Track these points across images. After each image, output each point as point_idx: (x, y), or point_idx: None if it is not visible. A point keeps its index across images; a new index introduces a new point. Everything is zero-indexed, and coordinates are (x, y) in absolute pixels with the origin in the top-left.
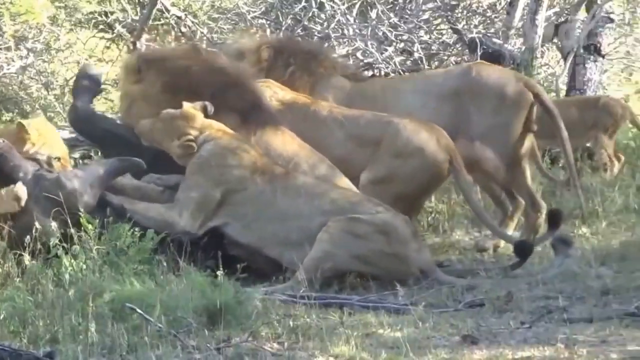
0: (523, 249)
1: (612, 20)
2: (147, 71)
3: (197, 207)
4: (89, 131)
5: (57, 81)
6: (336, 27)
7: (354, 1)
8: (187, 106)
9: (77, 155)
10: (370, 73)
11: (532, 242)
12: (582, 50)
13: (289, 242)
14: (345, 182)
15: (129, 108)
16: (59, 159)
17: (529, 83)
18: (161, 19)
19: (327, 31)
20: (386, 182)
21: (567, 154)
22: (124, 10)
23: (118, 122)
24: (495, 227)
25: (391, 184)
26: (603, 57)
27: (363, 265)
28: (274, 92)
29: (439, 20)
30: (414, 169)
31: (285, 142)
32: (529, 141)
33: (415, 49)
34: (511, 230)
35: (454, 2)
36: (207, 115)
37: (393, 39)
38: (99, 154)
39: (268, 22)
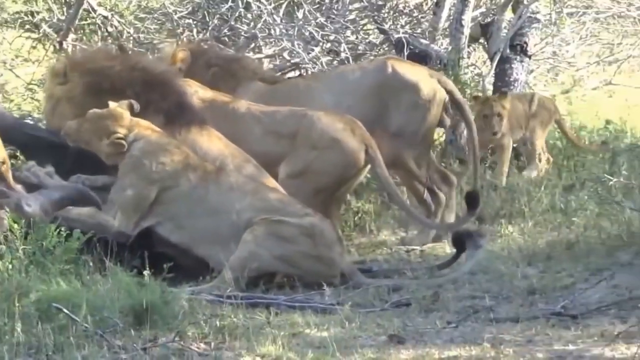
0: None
1: (538, 21)
2: (72, 73)
3: (132, 207)
4: (10, 136)
5: None
6: (263, 27)
7: (281, 1)
8: (113, 105)
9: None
10: (297, 73)
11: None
12: (508, 51)
13: (218, 240)
14: (272, 182)
15: (53, 109)
16: (3, 162)
17: (442, 79)
18: (87, 19)
19: (253, 31)
20: (304, 176)
21: (475, 150)
22: (50, 10)
23: (38, 124)
24: (414, 213)
25: (309, 177)
26: (529, 57)
27: (288, 266)
28: (194, 91)
29: (366, 20)
30: (330, 160)
31: (211, 141)
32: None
33: (342, 49)
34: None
35: (380, 3)
36: (133, 114)
37: (320, 39)
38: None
39: (195, 22)
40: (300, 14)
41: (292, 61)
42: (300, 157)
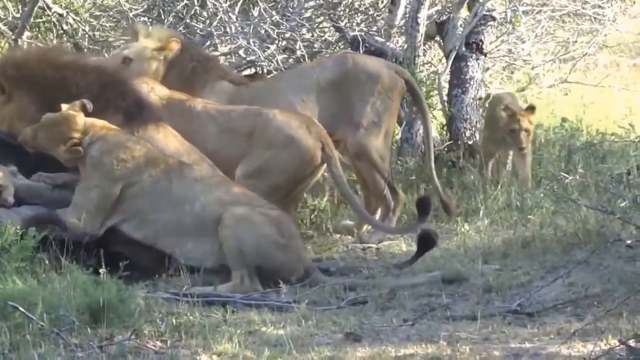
0: (427, 240)
1: (494, 19)
2: (15, 90)
3: (97, 208)
4: None
5: None
6: (218, 24)
7: None
8: (65, 108)
9: None
10: (252, 71)
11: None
12: (464, 49)
13: (183, 232)
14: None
15: (2, 120)
16: None
17: (399, 69)
18: (43, 17)
19: (209, 29)
20: (260, 175)
21: (430, 145)
22: (5, 7)
23: None
24: (366, 214)
25: (265, 176)
26: (485, 55)
27: (258, 255)
28: (151, 88)
29: (322, 18)
30: (286, 158)
31: (167, 139)
32: None
33: (297, 47)
34: (393, 225)
35: (336, 0)
36: (87, 114)
37: (275, 36)
38: None
39: (150, 19)
40: (255, 12)
41: (247, 59)
42: (256, 156)
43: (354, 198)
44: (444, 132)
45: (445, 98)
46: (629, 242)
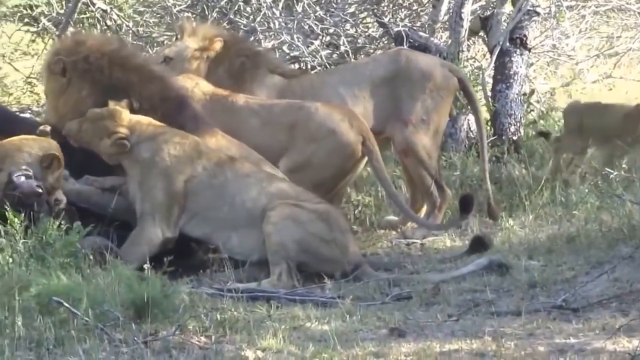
0: (480, 244)
1: (538, 14)
2: (76, 79)
3: (167, 208)
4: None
5: None
6: (262, 20)
7: None
8: (112, 104)
9: None
10: (296, 67)
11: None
12: (508, 44)
13: (232, 226)
14: None
15: (55, 109)
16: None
17: (453, 68)
18: (87, 13)
19: (253, 24)
20: (304, 169)
21: (483, 141)
22: (49, 3)
23: (38, 120)
24: (407, 210)
25: (308, 170)
26: (529, 50)
27: (303, 252)
28: (195, 84)
29: (365, 13)
30: (328, 152)
31: (222, 143)
32: None
33: (341, 43)
34: (438, 222)
35: None
36: (133, 112)
37: (319, 32)
38: None
39: (194, 15)
40: (299, 7)
41: (291, 54)
42: (299, 151)
43: (396, 193)
44: (488, 128)
45: (489, 93)
46: None
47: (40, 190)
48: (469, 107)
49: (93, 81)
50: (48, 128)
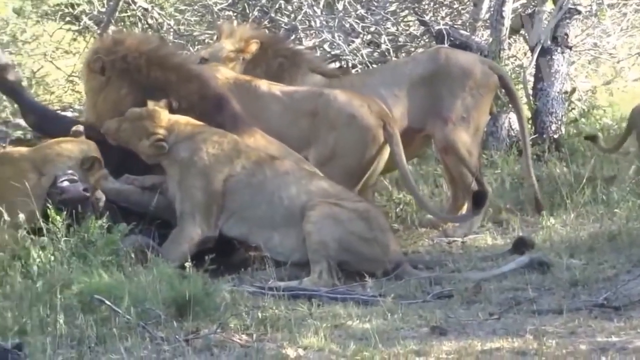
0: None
1: (579, 12)
2: (116, 78)
3: (207, 208)
4: (53, 133)
5: (24, 73)
6: (303, 19)
7: None
8: (151, 105)
9: None
10: (337, 65)
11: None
12: (549, 42)
13: (271, 226)
14: None
15: (94, 108)
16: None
17: (493, 65)
18: (128, 11)
19: (294, 23)
20: (330, 160)
21: (526, 140)
22: (90, 2)
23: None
24: (423, 199)
25: (335, 161)
26: (570, 48)
27: (344, 251)
28: (217, 70)
29: (406, 12)
30: (350, 138)
31: (261, 142)
32: None
33: (382, 41)
34: (479, 222)
35: None
36: (172, 112)
37: (360, 30)
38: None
39: (235, 13)
40: (340, 6)
41: (332, 53)
42: (323, 142)
43: (411, 177)
44: (529, 126)
45: (530, 92)
46: None
47: (87, 194)
48: (510, 105)
49: (132, 80)
50: (81, 128)
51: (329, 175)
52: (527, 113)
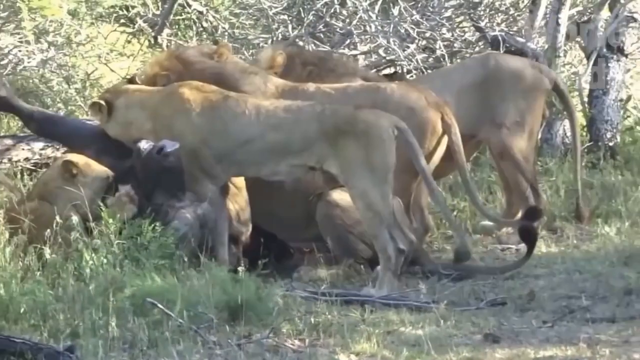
0: (528, 233)
1: (635, 20)
2: None
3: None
4: (56, 134)
5: (77, 75)
6: (358, 23)
7: None
8: None
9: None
10: (392, 70)
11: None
12: (605, 50)
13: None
14: None
15: None
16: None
17: (544, 69)
18: (182, 14)
19: (349, 28)
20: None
21: (577, 145)
22: (145, 4)
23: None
24: (475, 194)
25: (398, 156)
26: (626, 56)
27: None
28: (265, 79)
29: (462, 17)
30: (411, 130)
31: None
32: None
33: (437, 47)
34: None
35: (476, 0)
36: None
37: (415, 36)
38: None
39: (290, 18)
40: (395, 11)
41: (387, 58)
42: None
43: (467, 172)
44: (584, 134)
45: (585, 99)
46: None
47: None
48: (564, 111)
49: None
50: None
51: (394, 172)
52: (582, 121)
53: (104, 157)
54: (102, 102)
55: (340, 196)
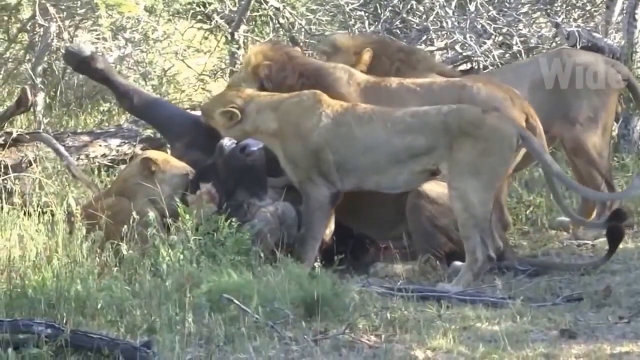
0: (616, 233)
1: None
2: (269, 85)
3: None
4: (149, 115)
5: (154, 71)
6: (435, 19)
7: None
8: None
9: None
10: (468, 66)
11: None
12: None
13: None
14: None
15: None
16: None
17: (617, 65)
18: (259, 10)
19: (425, 24)
20: None
21: None
22: (222, 1)
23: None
24: (559, 194)
25: None
26: None
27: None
28: (350, 75)
29: (538, 13)
30: None
31: None
32: None
33: (514, 42)
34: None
35: None
36: None
37: (492, 32)
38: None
39: (366, 14)
40: (472, 7)
41: (464, 54)
42: None
43: (555, 168)
44: None
45: None
46: None
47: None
48: (637, 108)
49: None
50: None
51: None
52: None
53: (193, 151)
54: (236, 111)
55: (430, 187)
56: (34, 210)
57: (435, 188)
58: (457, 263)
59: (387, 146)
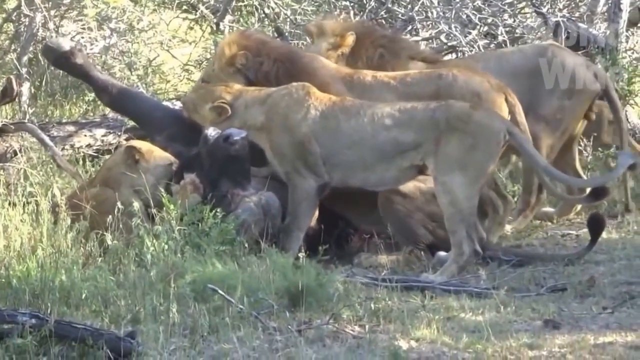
0: (597, 223)
1: None
2: (248, 73)
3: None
4: (128, 110)
5: (140, 61)
6: (420, 9)
7: None
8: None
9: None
10: (453, 56)
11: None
12: None
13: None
14: None
15: None
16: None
17: (598, 72)
18: (245, 0)
19: (410, 14)
20: None
21: (623, 147)
22: None
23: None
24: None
25: None
26: None
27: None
28: (323, 65)
29: (524, 3)
30: None
31: None
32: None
33: (499, 32)
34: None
35: None
36: None
37: (477, 22)
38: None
39: (352, 4)
40: None
41: (449, 44)
42: None
43: (532, 147)
44: None
45: None
46: None
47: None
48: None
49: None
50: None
51: None
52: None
53: (174, 143)
54: (226, 106)
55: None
56: (19, 201)
57: (407, 184)
58: (442, 253)
59: (373, 141)
